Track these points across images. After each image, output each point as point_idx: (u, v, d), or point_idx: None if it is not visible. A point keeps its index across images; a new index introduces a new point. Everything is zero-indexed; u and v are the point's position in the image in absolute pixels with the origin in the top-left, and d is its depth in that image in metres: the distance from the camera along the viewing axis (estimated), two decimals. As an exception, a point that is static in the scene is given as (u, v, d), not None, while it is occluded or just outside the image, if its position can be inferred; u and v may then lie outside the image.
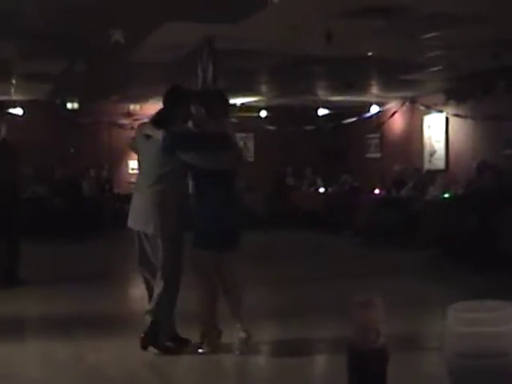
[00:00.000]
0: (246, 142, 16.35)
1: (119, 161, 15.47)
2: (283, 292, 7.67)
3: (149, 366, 4.90)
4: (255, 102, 15.27)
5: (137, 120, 15.20)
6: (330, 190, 14.85)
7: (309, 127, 15.66)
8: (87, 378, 4.69)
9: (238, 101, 14.60)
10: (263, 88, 13.63)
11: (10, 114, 13.49)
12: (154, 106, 14.99)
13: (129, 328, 5.76)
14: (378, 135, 15.97)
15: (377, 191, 13.42)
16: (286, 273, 9.10)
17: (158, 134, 4.84)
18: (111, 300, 7.36)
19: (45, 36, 8.02)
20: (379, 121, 15.59)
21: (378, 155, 16.06)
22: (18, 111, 13.95)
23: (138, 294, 7.40)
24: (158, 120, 5.05)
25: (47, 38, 8.10)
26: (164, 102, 5.15)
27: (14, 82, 11.35)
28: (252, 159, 16.29)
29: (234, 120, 15.13)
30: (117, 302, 7.40)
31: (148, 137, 4.96)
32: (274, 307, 6.95)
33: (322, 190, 14.95)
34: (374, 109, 15.26)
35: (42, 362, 5.14)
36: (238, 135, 16.14)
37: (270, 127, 15.84)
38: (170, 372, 4.94)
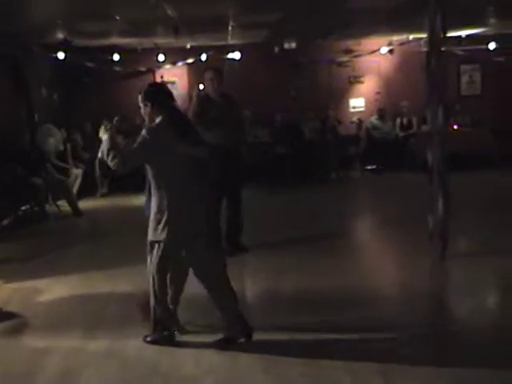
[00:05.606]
0: (471, 75, 15.43)
1: (340, 100, 14.85)
2: None
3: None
4: (482, 32, 14.18)
5: (356, 56, 14.90)
6: None
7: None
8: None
9: (462, 32, 13.69)
10: (491, 19, 12.55)
11: (228, 59, 13.86)
12: (374, 42, 14.68)
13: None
14: None
15: None
16: None
17: None
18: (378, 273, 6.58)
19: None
20: None
21: None
22: (236, 55, 14.10)
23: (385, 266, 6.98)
24: None
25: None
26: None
27: (230, 29, 11.53)
28: (478, 92, 15.37)
29: (459, 52, 14.32)
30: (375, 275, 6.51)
31: None
32: None
33: None
34: None
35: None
36: (464, 67, 15.30)
37: (499, 58, 14.65)
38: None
